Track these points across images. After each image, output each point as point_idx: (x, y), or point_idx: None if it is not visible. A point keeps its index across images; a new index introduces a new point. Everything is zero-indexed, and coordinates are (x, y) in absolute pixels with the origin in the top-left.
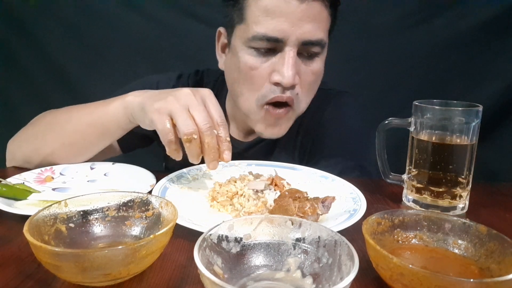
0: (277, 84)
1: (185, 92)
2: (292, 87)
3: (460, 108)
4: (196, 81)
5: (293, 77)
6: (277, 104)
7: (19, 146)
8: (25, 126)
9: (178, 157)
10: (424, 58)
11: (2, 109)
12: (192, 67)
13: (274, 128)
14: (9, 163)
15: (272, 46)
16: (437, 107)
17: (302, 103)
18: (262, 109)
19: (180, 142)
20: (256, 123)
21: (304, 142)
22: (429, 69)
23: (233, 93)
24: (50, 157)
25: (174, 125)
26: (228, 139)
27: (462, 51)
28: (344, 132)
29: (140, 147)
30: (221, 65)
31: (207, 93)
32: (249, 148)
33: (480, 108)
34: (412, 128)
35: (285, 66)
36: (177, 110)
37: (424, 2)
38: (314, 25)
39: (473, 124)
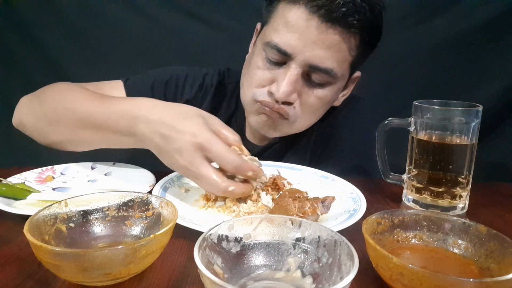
0: (271, 93)
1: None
2: (288, 103)
3: (460, 108)
4: (219, 81)
5: (287, 94)
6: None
7: (28, 112)
8: (38, 91)
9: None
10: (424, 58)
11: (2, 109)
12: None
13: (265, 124)
14: (15, 120)
15: (280, 59)
16: (437, 107)
17: (301, 121)
18: (256, 103)
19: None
20: (250, 115)
21: (316, 145)
22: (429, 69)
23: (240, 84)
24: (59, 145)
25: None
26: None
27: (462, 51)
28: (354, 139)
29: None
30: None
31: (217, 121)
32: (264, 151)
33: (480, 108)
34: (412, 128)
35: (284, 81)
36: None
37: (424, 2)
38: (327, 53)
39: (473, 124)
